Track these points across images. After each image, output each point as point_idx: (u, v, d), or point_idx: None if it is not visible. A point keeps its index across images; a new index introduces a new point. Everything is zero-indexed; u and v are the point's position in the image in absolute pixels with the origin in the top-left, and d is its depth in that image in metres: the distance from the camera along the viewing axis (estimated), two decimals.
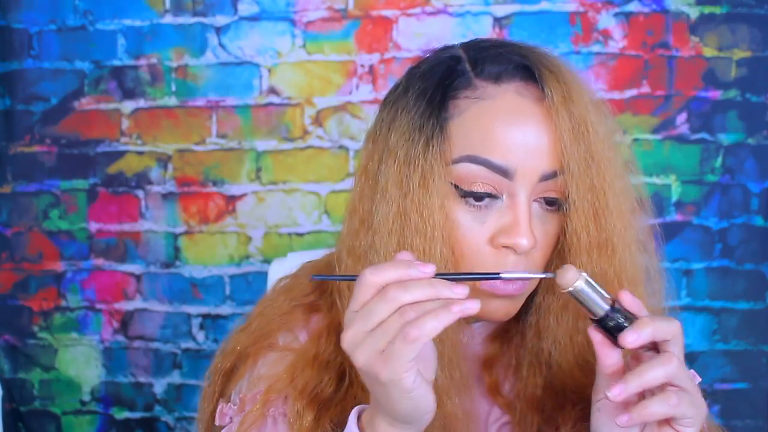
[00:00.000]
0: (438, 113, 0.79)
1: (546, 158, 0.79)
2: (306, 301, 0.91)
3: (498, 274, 0.70)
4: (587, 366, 0.84)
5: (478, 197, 0.79)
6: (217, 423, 0.88)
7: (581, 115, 0.79)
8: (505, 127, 0.78)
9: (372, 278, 0.66)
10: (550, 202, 0.81)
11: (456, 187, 0.79)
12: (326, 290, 0.91)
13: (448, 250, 0.79)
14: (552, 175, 0.80)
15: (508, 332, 0.90)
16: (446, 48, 0.87)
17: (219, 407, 0.88)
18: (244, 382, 0.87)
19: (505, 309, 0.83)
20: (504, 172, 0.78)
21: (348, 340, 0.66)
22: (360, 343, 0.65)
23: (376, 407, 0.70)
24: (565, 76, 0.81)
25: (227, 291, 1.94)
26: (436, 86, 0.81)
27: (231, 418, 0.86)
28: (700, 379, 0.89)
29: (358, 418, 0.74)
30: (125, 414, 1.99)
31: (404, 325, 0.64)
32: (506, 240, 0.79)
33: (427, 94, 0.81)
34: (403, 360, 0.64)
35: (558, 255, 0.84)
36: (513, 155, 0.78)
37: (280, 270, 1.24)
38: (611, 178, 0.81)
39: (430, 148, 0.78)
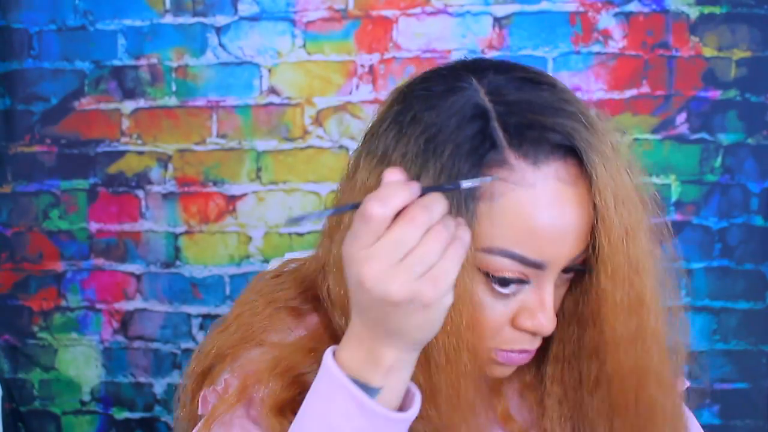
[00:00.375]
0: (468, 191, 0.72)
1: (581, 240, 0.75)
2: (290, 305, 0.87)
3: (459, 184, 0.68)
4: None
5: (506, 283, 0.75)
6: (199, 411, 0.83)
7: (623, 185, 0.75)
8: (544, 222, 0.73)
9: (382, 211, 0.62)
10: (567, 270, 0.78)
11: (485, 273, 0.75)
12: (310, 296, 0.87)
13: (470, 332, 0.74)
14: (583, 253, 0.76)
15: None
16: (459, 77, 0.77)
17: (202, 394, 0.83)
18: (227, 371, 0.82)
19: (508, 371, 0.82)
20: (538, 265, 0.74)
21: (375, 275, 0.62)
22: (393, 275, 0.62)
23: (381, 339, 0.66)
24: (604, 142, 0.75)
25: (227, 291, 1.94)
26: (465, 158, 0.72)
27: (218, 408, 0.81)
28: (688, 384, 0.88)
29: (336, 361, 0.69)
30: (125, 414, 1.99)
31: (446, 242, 0.63)
32: (529, 323, 0.76)
33: (455, 166, 0.72)
34: (452, 274, 0.63)
35: (578, 322, 0.81)
36: (549, 248, 0.73)
37: None
38: (645, 256, 0.77)
39: None
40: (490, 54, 1.84)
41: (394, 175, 0.65)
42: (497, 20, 1.84)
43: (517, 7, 1.83)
